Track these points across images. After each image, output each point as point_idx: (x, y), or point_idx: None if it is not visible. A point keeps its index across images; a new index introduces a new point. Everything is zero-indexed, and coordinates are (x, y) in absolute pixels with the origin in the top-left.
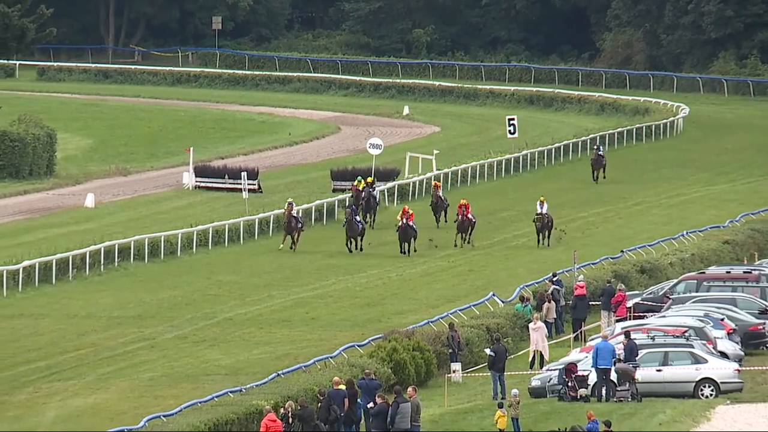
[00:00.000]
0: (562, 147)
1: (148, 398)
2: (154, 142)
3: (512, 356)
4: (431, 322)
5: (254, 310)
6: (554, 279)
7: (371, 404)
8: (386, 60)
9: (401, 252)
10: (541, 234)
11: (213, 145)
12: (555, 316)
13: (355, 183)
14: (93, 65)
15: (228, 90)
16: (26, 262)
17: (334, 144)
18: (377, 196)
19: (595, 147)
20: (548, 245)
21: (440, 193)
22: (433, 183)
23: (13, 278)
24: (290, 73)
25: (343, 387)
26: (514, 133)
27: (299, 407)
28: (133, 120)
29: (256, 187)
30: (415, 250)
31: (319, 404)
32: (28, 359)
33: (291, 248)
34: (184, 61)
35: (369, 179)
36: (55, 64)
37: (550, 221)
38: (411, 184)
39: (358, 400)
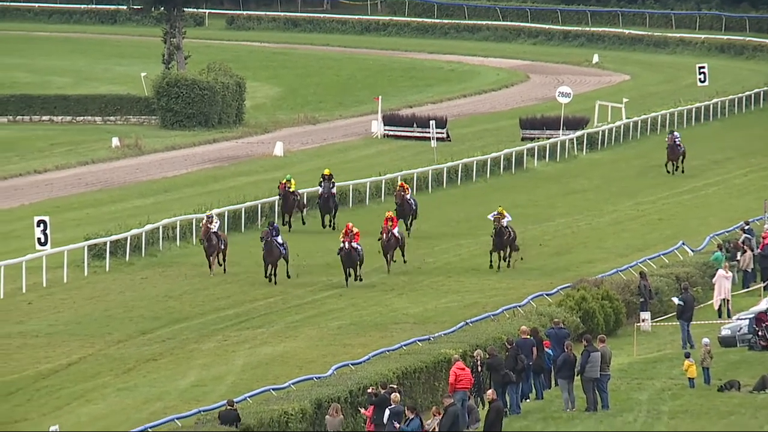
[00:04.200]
0: (753, 95)
1: (336, 346)
2: (343, 91)
3: (701, 306)
4: (620, 271)
5: (443, 259)
6: (746, 228)
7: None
8: (575, 8)
9: (346, 279)
10: (500, 252)
11: (401, 94)
12: (752, 266)
13: (284, 181)
14: (282, 14)
15: (416, 38)
16: (215, 210)
17: (523, 92)
18: (336, 194)
19: (672, 133)
20: (509, 265)
21: (408, 196)
22: (398, 184)
23: None
24: (479, 22)
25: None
26: (704, 82)
27: (488, 356)
28: (322, 69)
29: (444, 135)
30: (360, 279)
31: (507, 353)
32: (217, 307)
33: (220, 266)
34: (373, 9)
35: (326, 172)
36: (245, 12)
37: (512, 236)
38: (600, 132)
39: (547, 349)
